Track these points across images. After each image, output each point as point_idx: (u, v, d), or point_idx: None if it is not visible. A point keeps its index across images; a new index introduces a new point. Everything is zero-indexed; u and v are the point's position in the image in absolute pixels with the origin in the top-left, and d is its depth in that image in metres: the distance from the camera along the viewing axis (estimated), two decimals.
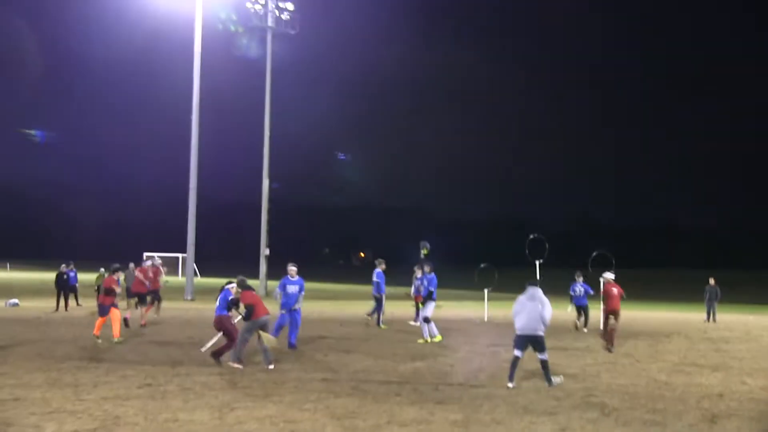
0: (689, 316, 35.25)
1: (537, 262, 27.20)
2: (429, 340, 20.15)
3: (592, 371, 15.74)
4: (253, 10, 56.10)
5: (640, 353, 19.10)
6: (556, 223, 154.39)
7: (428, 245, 21.60)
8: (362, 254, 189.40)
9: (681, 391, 13.51)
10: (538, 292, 13.65)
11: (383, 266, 24.57)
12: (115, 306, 19.27)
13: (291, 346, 17.76)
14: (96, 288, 36.72)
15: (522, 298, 13.70)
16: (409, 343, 20.17)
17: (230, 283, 15.78)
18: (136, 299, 25.62)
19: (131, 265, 32.98)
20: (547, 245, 26.99)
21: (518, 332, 13.60)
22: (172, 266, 79.42)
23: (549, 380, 13.58)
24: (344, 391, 12.53)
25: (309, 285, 20.55)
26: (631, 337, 23.17)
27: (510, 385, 13.35)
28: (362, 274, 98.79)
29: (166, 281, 37.32)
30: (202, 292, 53.21)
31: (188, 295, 48.59)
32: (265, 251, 56.80)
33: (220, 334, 15.74)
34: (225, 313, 15.40)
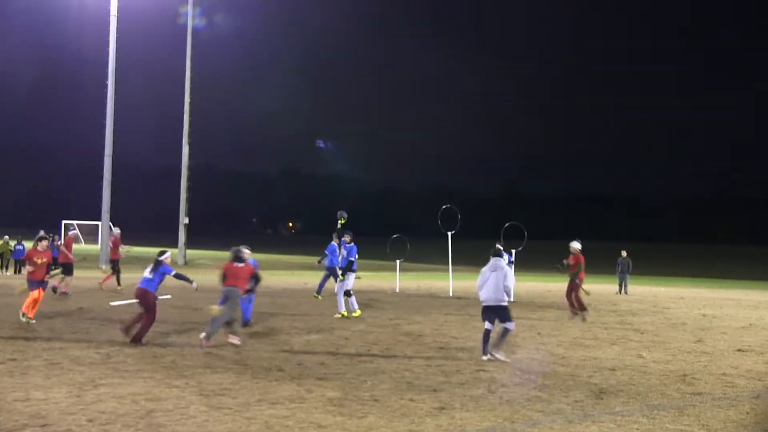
0: (603, 287, 35.25)
1: (449, 233, 26.85)
2: (346, 314, 19.43)
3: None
4: None
5: (544, 326, 18.85)
6: (485, 192, 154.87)
7: (345, 215, 21.06)
8: (291, 224, 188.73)
9: (575, 365, 13.19)
10: (501, 261, 13.39)
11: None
12: (43, 285, 16.84)
13: (246, 321, 16.97)
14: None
15: (485, 269, 13.45)
16: (319, 316, 19.58)
17: (163, 253, 14.42)
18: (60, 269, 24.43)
19: (41, 232, 32.04)
20: (459, 216, 26.59)
21: (484, 304, 13.40)
22: (92, 234, 77.84)
23: (485, 350, 13.31)
24: (223, 366, 11.96)
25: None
26: (539, 310, 22.98)
27: (484, 358, 13.20)
28: (290, 244, 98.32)
29: (128, 251, 36.44)
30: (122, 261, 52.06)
31: (102, 263, 47.54)
32: (184, 220, 55.89)
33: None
34: (153, 288, 14.09)
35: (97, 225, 78.11)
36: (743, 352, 15.47)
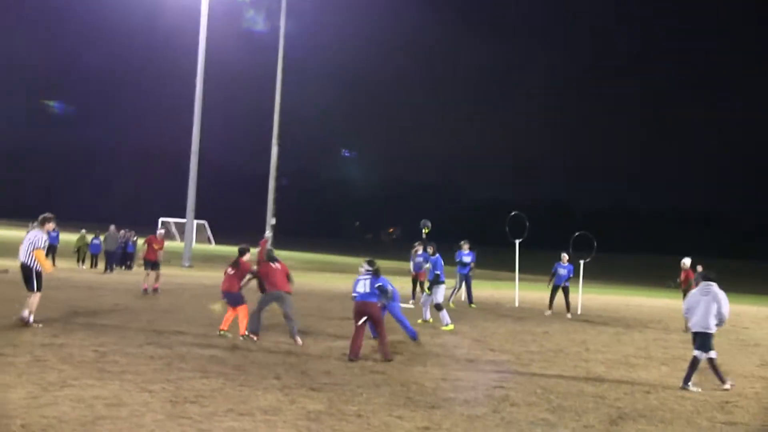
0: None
1: (516, 242, 25.78)
2: (431, 320, 18.88)
3: (526, 359, 14.34)
4: None
5: (598, 341, 17.65)
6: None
7: (429, 224, 20.38)
8: (391, 230, 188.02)
9: (607, 386, 12.11)
10: (713, 287, 12.54)
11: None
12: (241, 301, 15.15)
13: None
14: (76, 250, 36.01)
15: (695, 292, 12.77)
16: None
17: (372, 263, 13.79)
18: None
19: (111, 227, 32.20)
20: (527, 223, 25.47)
21: (692, 329, 12.62)
22: (179, 232, 78.67)
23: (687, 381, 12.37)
24: (218, 371, 11.23)
25: (337, 258, 19.00)
26: (602, 324, 21.73)
27: (690, 388, 12.21)
28: (389, 250, 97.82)
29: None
30: (209, 260, 52.38)
31: (186, 261, 47.72)
32: (271, 220, 55.77)
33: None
34: (375, 299, 13.50)
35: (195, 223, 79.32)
36: None
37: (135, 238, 36.21)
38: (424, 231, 20.25)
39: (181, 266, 46.15)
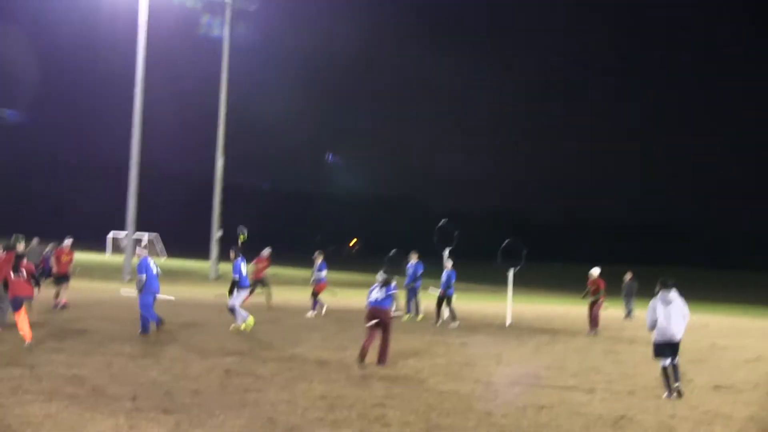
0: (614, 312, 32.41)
1: (446, 250, 24.94)
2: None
3: (427, 373, 13.47)
4: None
5: (515, 354, 16.87)
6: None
7: (245, 230, 19.59)
8: (353, 242, 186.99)
9: (500, 402, 11.26)
10: (673, 293, 12.23)
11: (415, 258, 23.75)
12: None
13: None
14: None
15: (657, 303, 12.29)
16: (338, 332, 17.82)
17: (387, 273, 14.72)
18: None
19: (34, 240, 30.96)
20: (456, 232, 24.66)
21: (658, 340, 12.31)
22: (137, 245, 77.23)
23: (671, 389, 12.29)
24: (65, 392, 10.23)
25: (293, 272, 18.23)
26: (530, 334, 20.94)
27: (665, 396, 12.18)
28: (353, 262, 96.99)
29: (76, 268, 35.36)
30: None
31: (126, 275, 46.55)
32: (217, 233, 54.65)
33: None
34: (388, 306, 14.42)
35: (143, 236, 77.94)
36: (720, 388, 13.33)
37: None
38: (240, 237, 19.57)
39: (122, 280, 45.00)
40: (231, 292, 18.86)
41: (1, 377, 11.11)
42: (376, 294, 14.25)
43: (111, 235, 78.17)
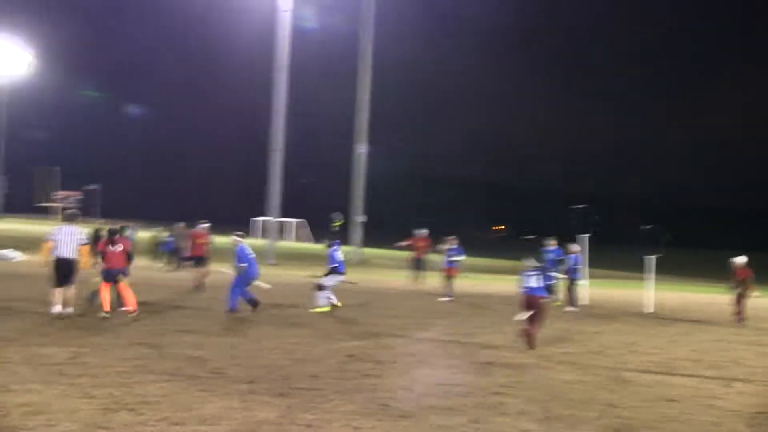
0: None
1: (584, 236, 24.33)
2: None
3: (554, 360, 13.09)
4: None
5: (650, 343, 16.19)
6: None
7: (341, 216, 19.57)
8: (500, 228, 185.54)
9: (626, 393, 10.77)
10: None
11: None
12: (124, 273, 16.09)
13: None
14: (153, 248, 35.99)
15: None
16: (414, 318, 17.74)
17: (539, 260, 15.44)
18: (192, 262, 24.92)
19: (180, 224, 31.91)
20: (596, 217, 24.02)
21: None
22: (287, 231, 78.69)
23: None
24: (185, 374, 10.37)
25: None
26: (668, 323, 20.13)
27: None
28: (500, 248, 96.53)
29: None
30: (298, 258, 51.88)
31: (270, 259, 47.38)
32: (360, 218, 55.06)
33: None
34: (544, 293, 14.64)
35: (292, 222, 79.37)
36: None
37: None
38: (334, 223, 19.38)
39: (267, 264, 45.84)
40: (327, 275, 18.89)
41: (129, 356, 11.35)
42: (533, 282, 14.26)
43: (257, 219, 79.96)
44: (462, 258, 24.10)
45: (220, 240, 27.51)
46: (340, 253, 19.04)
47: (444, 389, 10.31)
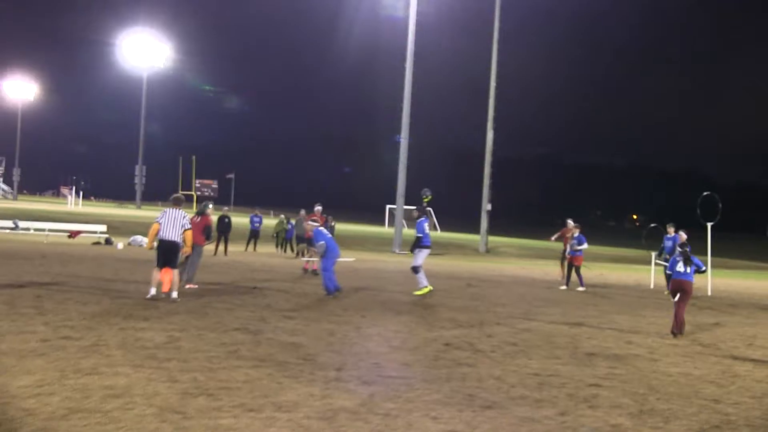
0: None
1: (708, 224, 23.42)
2: None
3: (661, 353, 12.55)
4: None
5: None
6: None
7: (429, 193, 19.31)
8: (635, 216, 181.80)
9: (734, 387, 10.20)
10: None
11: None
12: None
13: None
14: (274, 235, 36.51)
15: None
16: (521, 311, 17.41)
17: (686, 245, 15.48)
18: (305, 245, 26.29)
19: (302, 211, 32.30)
20: (720, 205, 23.06)
21: None
22: (410, 220, 78.84)
23: None
24: (274, 360, 10.32)
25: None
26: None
27: None
28: (635, 237, 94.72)
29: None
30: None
31: (396, 248, 47.61)
32: (486, 206, 54.71)
33: None
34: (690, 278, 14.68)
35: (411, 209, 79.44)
36: None
37: (333, 223, 36.14)
38: (424, 199, 19.16)
39: (391, 252, 46.05)
40: (413, 249, 18.88)
41: (225, 341, 11.39)
42: (681, 267, 14.45)
43: (390, 207, 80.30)
44: (585, 246, 23.56)
45: (357, 228, 27.64)
46: (427, 225, 19.02)
47: (538, 380, 9.96)
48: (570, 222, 24.94)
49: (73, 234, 39.45)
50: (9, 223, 41.04)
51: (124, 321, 12.70)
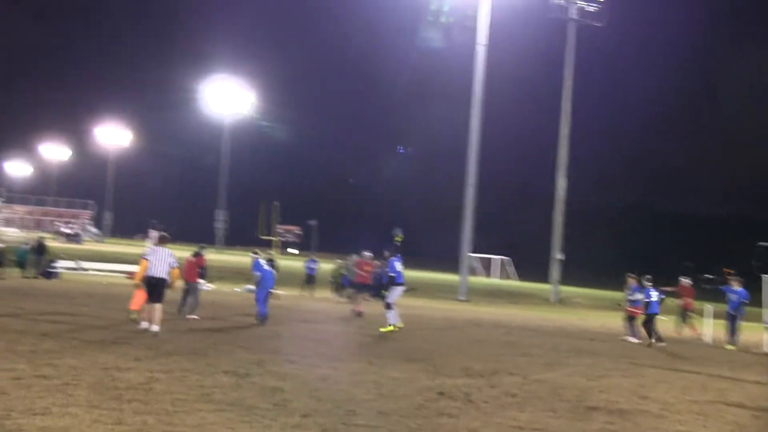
0: None
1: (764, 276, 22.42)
2: None
3: (673, 410, 11.75)
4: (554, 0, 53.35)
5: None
6: None
7: (400, 232, 19.44)
8: (728, 270, 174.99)
9: None
10: None
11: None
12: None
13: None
14: (331, 279, 36.26)
15: None
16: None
17: None
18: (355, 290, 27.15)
19: (354, 256, 32.06)
20: None
21: None
22: (487, 268, 78.06)
23: None
24: (241, 405, 9.89)
25: None
26: None
27: None
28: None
29: None
30: (491, 294, 51.10)
31: (461, 295, 46.92)
32: (557, 255, 53.72)
33: None
34: None
35: (490, 259, 78.56)
36: None
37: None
38: (396, 238, 19.23)
39: (456, 300, 45.40)
40: (386, 288, 20.19)
41: (204, 384, 10.96)
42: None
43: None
44: (640, 297, 22.80)
45: (425, 275, 27.33)
46: (400, 264, 19.60)
47: None
48: (684, 280, 24.70)
49: (130, 276, 39.84)
50: (72, 264, 41.73)
51: (114, 359, 12.45)
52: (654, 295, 22.08)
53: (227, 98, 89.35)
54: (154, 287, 16.02)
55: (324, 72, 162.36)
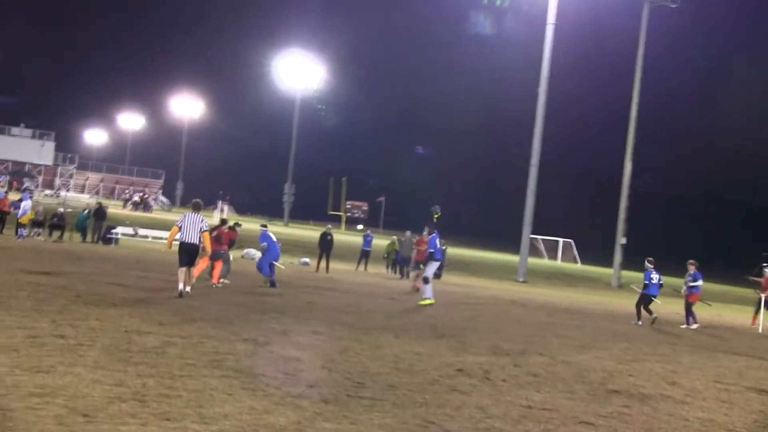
0: None
1: None
2: None
3: (696, 396, 11.40)
4: None
5: None
6: None
7: (439, 209, 19.56)
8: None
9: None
10: None
11: None
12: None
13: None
14: (385, 256, 36.18)
15: None
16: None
17: None
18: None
19: (407, 233, 31.94)
20: None
21: None
22: (552, 250, 77.30)
23: None
24: (228, 371, 9.84)
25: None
26: None
27: None
28: None
29: None
30: (551, 276, 50.61)
31: (520, 276, 46.58)
32: (621, 240, 52.90)
33: None
34: None
35: (558, 241, 77.70)
36: None
37: (444, 247, 35.52)
38: (434, 215, 20.29)
39: (515, 281, 45.07)
40: (425, 264, 20.85)
41: (219, 350, 10.95)
42: None
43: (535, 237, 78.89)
44: (700, 283, 22.44)
45: (486, 255, 27.16)
46: (438, 241, 20.47)
47: (524, 413, 9.11)
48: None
49: None
50: (130, 230, 42.32)
51: (138, 323, 12.49)
52: (655, 278, 22.11)
53: (299, 73, 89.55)
54: (187, 252, 16.57)
55: (394, 49, 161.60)
